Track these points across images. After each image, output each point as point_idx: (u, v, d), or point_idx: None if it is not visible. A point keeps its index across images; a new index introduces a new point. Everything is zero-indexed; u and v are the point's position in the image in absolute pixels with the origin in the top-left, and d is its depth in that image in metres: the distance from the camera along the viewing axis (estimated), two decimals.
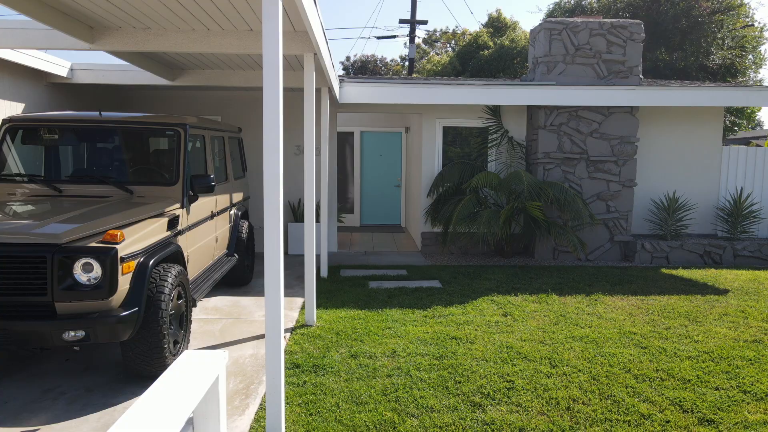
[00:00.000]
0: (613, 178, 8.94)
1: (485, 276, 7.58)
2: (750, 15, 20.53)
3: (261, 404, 3.73)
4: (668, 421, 3.50)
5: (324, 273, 7.51)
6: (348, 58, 49.14)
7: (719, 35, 18.27)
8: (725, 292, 6.82)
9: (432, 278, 7.48)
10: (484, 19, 27.96)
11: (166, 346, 3.89)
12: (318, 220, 8.25)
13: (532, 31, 9.48)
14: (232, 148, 6.99)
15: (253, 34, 5.21)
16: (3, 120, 4.87)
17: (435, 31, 38.58)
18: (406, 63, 29.28)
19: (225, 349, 2.49)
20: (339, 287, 6.88)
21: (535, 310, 5.94)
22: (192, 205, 4.94)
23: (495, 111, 9.23)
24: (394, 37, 26.23)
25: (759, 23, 42.46)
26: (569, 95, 8.61)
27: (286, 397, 3.77)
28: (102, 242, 3.56)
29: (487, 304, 6.16)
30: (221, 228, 6.09)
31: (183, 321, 4.32)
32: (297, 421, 3.49)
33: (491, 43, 22.17)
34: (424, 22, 25.89)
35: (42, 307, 3.46)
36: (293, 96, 8.87)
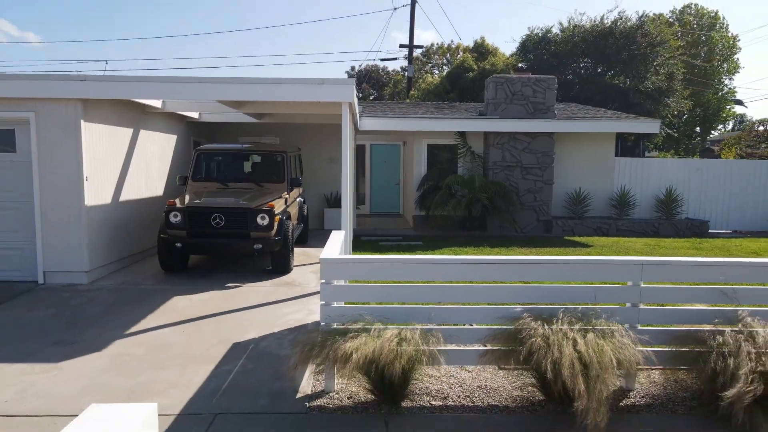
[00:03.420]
0: (539, 179, 13.57)
1: (451, 240, 12.22)
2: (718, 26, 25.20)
3: None
4: None
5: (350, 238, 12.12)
6: (353, 68, 53.44)
7: (655, 63, 22.86)
8: (590, 246, 11.47)
9: (418, 240, 12.12)
10: (471, 43, 32.49)
11: (290, 256, 8.52)
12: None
13: (485, 81, 14.12)
14: (297, 160, 11.62)
15: (320, 104, 9.81)
16: (196, 149, 9.51)
17: (432, 44, 43.12)
18: (406, 74, 33.89)
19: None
20: (361, 244, 11.53)
21: (474, 253, 10.57)
22: (290, 193, 9.58)
23: (462, 134, 13.84)
24: (395, 59, 30.82)
25: (732, 34, 46.78)
26: (509, 125, 13.23)
27: None
28: (267, 207, 8.18)
29: (448, 251, 10.79)
30: (296, 207, 10.71)
31: (292, 249, 8.94)
32: None
33: (475, 67, 26.75)
34: (420, 47, 30.47)
35: (245, 235, 8.09)
36: (330, 126, 13.52)
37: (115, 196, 8.53)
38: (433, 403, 4.44)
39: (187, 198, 8.37)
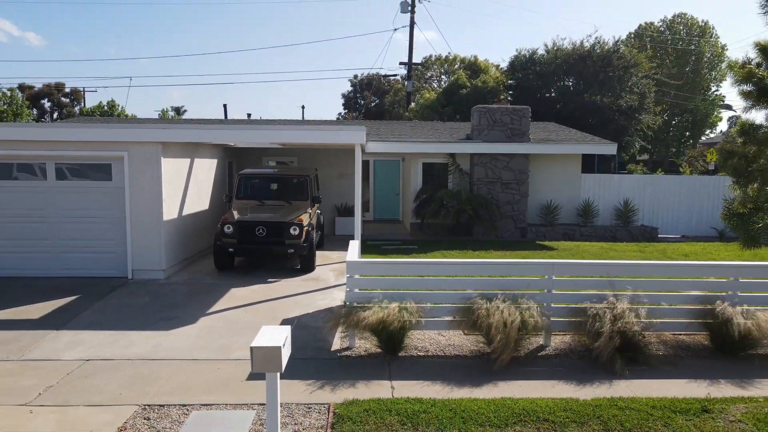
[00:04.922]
0: (516, 192, 16.11)
1: (442, 244, 14.77)
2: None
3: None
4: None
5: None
6: (356, 76, 55.94)
7: (629, 83, 25.37)
8: (555, 249, 14.00)
9: (414, 244, 14.67)
10: (466, 55, 35.00)
11: (314, 258, 11.08)
12: (353, 215, 15.46)
13: (471, 110, 16.67)
14: (315, 180, 14.16)
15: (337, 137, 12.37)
16: (238, 174, 12.05)
17: (431, 56, 45.61)
18: (405, 85, 36.41)
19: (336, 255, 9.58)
20: (367, 247, 14.07)
21: (458, 255, 13.11)
22: (312, 208, 12.12)
23: (452, 155, 16.39)
24: (395, 75, 33.33)
25: (721, 43, 49.28)
26: (491, 147, 15.77)
27: None
28: (297, 221, 10.73)
29: (438, 253, 13.33)
30: (316, 219, 13.25)
31: (315, 252, 11.47)
32: None
33: (468, 84, 29.28)
34: (419, 64, 33.00)
35: (281, 241, 10.64)
36: (339, 150, 16.08)
37: (179, 211, 11.08)
38: (419, 354, 6.99)
39: (235, 214, 10.92)
